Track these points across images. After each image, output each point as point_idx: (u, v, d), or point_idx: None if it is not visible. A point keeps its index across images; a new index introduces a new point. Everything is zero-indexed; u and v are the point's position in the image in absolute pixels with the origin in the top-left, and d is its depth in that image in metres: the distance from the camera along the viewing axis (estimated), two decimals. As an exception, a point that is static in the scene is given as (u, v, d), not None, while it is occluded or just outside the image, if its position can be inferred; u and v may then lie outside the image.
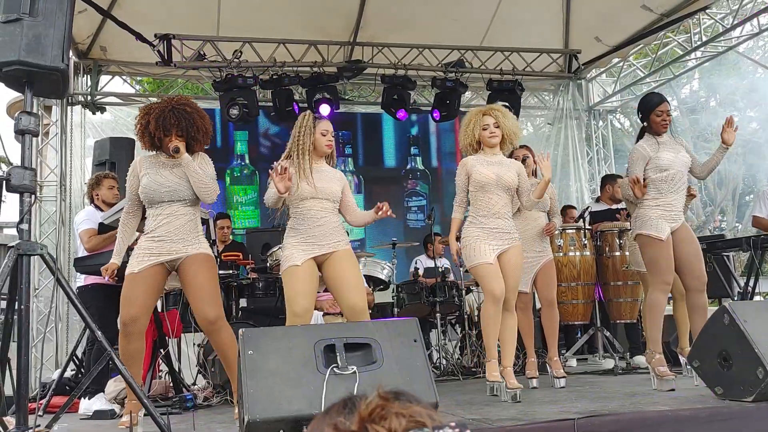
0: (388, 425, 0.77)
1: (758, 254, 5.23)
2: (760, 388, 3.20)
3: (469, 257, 4.12)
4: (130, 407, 3.57)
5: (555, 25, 8.35)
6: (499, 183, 4.14)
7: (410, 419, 0.79)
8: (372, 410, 0.79)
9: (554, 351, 4.79)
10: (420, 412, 0.80)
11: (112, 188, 5.07)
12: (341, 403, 0.87)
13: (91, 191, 5.11)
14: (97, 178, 5.15)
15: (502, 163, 4.24)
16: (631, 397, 3.83)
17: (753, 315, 3.39)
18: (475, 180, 4.15)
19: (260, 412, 2.66)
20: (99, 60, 7.96)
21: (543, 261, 4.80)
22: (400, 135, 9.27)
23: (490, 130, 4.22)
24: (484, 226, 4.11)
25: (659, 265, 4.15)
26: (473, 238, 4.10)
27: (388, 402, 0.80)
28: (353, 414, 0.81)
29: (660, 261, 4.14)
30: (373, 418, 0.79)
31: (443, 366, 6.04)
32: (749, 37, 8.13)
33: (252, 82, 7.32)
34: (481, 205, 4.15)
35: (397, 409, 0.80)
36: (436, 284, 6.19)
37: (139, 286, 3.58)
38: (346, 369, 2.82)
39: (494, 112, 4.27)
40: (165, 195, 3.66)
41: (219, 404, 4.57)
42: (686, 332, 4.87)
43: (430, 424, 0.78)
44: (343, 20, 7.93)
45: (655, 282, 4.17)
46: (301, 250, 3.69)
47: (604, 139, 9.51)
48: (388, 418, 0.78)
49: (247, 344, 2.82)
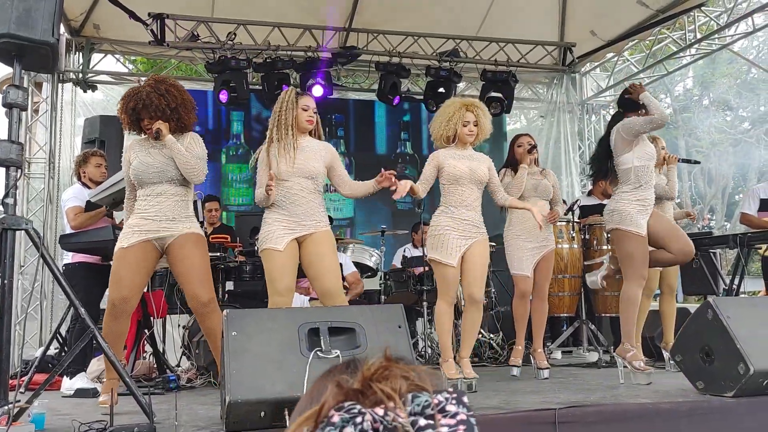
0: (391, 385, 0.78)
1: (745, 252, 5.26)
2: (740, 383, 3.22)
3: (434, 247, 4.11)
4: (109, 385, 3.56)
5: (551, 17, 8.34)
6: (472, 177, 4.15)
7: (411, 382, 0.79)
8: (376, 370, 0.80)
9: (539, 342, 4.81)
10: (422, 376, 0.81)
11: (99, 166, 5.02)
12: (344, 364, 0.88)
13: (78, 169, 5.06)
14: (84, 156, 5.10)
15: (473, 157, 4.25)
16: (613, 390, 3.85)
17: (736, 311, 3.41)
18: (448, 173, 4.14)
19: (242, 393, 2.66)
20: (91, 38, 7.89)
21: (546, 250, 4.79)
22: (391, 122, 9.25)
23: (470, 128, 4.20)
24: (455, 216, 4.11)
25: (636, 260, 4.16)
26: (443, 227, 4.09)
27: (391, 363, 0.81)
28: (356, 374, 0.81)
29: (637, 255, 4.16)
30: (377, 378, 0.79)
31: (428, 354, 6.06)
32: (743, 36, 8.15)
33: (245, 65, 7.28)
34: (453, 197, 4.15)
35: (401, 370, 0.80)
36: (424, 273, 6.20)
37: (128, 264, 3.58)
38: (329, 353, 2.82)
39: (476, 109, 4.23)
40: (153, 176, 3.67)
41: (202, 386, 4.56)
42: (671, 327, 4.91)
43: (431, 388, 0.79)
44: (339, 5, 7.88)
45: (632, 276, 4.18)
46: (282, 227, 3.72)
47: (596, 133, 9.51)
48: (390, 378, 0.79)
49: (231, 325, 2.82)
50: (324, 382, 0.83)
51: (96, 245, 4.38)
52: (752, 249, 5.56)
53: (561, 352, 6.26)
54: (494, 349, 6.12)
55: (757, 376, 3.19)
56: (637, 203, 4.20)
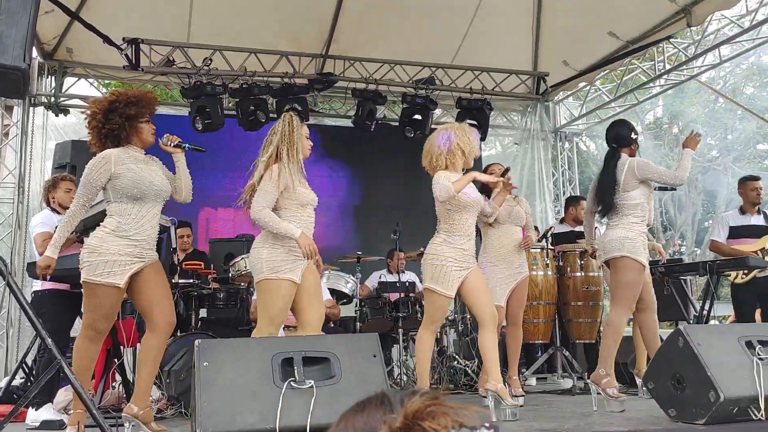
0: (437, 423, 0.78)
1: (714, 279, 5.33)
2: (711, 411, 3.25)
3: (434, 278, 4.02)
4: (77, 417, 3.47)
5: (524, 47, 8.48)
6: (477, 204, 4.17)
7: (455, 419, 0.80)
8: (421, 407, 0.79)
9: (514, 370, 4.82)
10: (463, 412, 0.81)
11: (69, 191, 4.85)
12: (377, 399, 0.86)
13: (47, 194, 4.93)
14: (53, 181, 4.97)
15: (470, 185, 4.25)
16: (587, 417, 3.86)
17: (706, 339, 3.45)
18: (460, 200, 4.03)
19: (213, 425, 2.61)
20: (64, 61, 7.83)
21: (520, 278, 4.81)
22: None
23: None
24: (457, 246, 4.04)
25: (633, 290, 4.23)
26: (445, 258, 4.02)
27: (437, 400, 0.81)
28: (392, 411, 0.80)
29: (635, 286, 4.23)
30: (422, 416, 0.79)
31: (404, 382, 6.02)
32: (711, 67, 8.36)
33: (221, 90, 7.27)
34: (459, 226, 4.07)
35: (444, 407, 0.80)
36: (400, 299, 6.19)
37: (119, 298, 3.43)
38: (303, 383, 2.79)
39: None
40: (152, 194, 3.47)
41: (173, 416, 4.48)
42: (644, 353, 4.94)
43: (470, 423, 0.80)
44: (316, 33, 7.94)
45: (624, 305, 4.23)
46: (294, 257, 3.56)
47: (569, 160, 9.65)
48: (437, 416, 0.79)
49: (202, 355, 2.78)
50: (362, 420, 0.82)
51: (65, 273, 4.28)
52: (722, 276, 5.64)
53: (536, 379, 6.27)
54: (469, 376, 6.11)
55: (727, 403, 3.22)
56: (643, 236, 4.29)
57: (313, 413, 2.68)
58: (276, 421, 2.64)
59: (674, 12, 7.03)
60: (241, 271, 5.52)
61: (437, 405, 0.80)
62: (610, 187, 4.34)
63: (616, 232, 4.29)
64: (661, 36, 7.40)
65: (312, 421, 2.66)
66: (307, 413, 2.68)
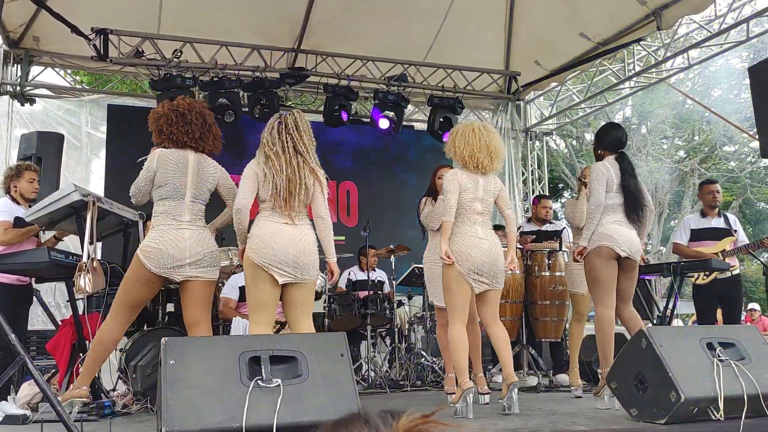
0: None
1: (678, 280, 5.43)
2: (672, 410, 3.32)
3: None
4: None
5: (497, 46, 8.53)
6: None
7: None
8: (411, 426, 0.79)
9: (478, 367, 4.81)
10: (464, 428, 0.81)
11: (33, 182, 4.75)
12: (360, 419, 0.84)
13: (9, 182, 4.76)
14: (17, 169, 4.79)
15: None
16: (551, 416, 3.91)
17: (669, 340, 3.52)
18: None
19: (179, 424, 2.60)
20: (31, 50, 7.68)
21: None
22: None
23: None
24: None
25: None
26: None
27: (428, 419, 0.80)
28: (379, 429, 0.80)
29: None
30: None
31: (371, 378, 6.04)
32: (680, 71, 8.50)
33: (191, 83, 7.18)
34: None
35: (440, 425, 0.79)
36: (368, 296, 6.20)
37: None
38: (270, 382, 2.79)
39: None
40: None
41: (138, 412, 4.44)
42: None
43: None
44: (288, 27, 7.89)
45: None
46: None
47: (539, 159, 9.75)
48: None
49: (169, 353, 2.76)
50: None
51: (31, 266, 4.21)
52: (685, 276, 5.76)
53: (502, 377, 6.32)
54: (436, 373, 6.15)
55: (687, 404, 3.29)
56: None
57: (280, 412, 2.68)
58: (243, 420, 2.63)
59: (644, 15, 7.14)
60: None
61: (430, 423, 0.80)
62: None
63: (598, 228, 4.36)
64: (632, 38, 7.51)
65: (278, 420, 2.66)
66: (273, 412, 2.68)
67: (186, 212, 3.74)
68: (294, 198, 3.59)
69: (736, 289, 5.96)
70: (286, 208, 3.58)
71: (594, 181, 4.37)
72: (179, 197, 3.73)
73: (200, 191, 3.81)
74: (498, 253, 4.14)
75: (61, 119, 8.09)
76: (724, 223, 6.04)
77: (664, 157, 18.24)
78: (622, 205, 4.35)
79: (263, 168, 3.63)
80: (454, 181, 4.13)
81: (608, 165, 4.40)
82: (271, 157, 3.62)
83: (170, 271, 3.66)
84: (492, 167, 4.18)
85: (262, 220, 3.63)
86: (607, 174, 4.35)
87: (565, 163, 18.47)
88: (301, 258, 3.57)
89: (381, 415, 0.82)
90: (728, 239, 5.96)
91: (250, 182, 3.64)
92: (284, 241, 3.55)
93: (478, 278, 4.08)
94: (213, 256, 3.79)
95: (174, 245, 3.65)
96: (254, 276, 3.56)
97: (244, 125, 7.73)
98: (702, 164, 18.10)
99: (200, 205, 3.83)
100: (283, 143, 3.65)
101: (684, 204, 18.29)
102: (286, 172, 3.60)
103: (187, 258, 3.66)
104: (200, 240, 3.74)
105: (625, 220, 4.34)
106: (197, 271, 3.69)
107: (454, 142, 4.23)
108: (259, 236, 3.58)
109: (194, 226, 3.76)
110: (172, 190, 3.73)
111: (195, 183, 3.78)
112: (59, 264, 4.07)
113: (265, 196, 3.62)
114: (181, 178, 3.74)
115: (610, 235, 4.26)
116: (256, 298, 3.59)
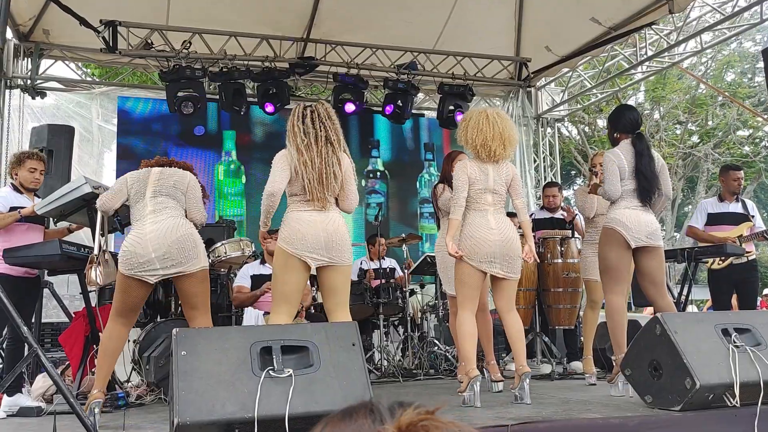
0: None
1: (692, 266, 5.38)
2: (687, 397, 3.28)
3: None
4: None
5: (507, 33, 8.45)
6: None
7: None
8: (414, 420, 0.78)
9: (491, 355, 4.80)
10: (457, 429, 0.79)
11: (33, 171, 4.59)
12: (365, 408, 0.83)
13: (11, 170, 4.64)
14: (19, 157, 4.64)
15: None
16: (565, 404, 3.89)
17: (683, 326, 3.48)
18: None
19: (191, 414, 2.60)
20: (41, 43, 7.69)
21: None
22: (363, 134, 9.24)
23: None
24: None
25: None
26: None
27: (430, 415, 0.79)
28: (382, 422, 0.79)
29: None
30: (416, 429, 0.77)
31: (384, 367, 6.04)
32: (692, 54, 8.40)
33: (201, 74, 7.18)
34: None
35: (438, 423, 0.78)
36: (381, 285, 6.19)
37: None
38: (282, 372, 2.78)
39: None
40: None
41: (152, 403, 4.46)
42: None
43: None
44: (297, 16, 7.85)
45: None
46: None
47: (551, 146, 9.68)
48: (431, 431, 0.77)
49: (180, 344, 2.76)
50: (350, 428, 0.80)
51: (43, 259, 4.23)
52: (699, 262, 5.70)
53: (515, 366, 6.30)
54: (450, 362, 6.14)
55: (703, 390, 3.26)
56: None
57: (292, 402, 2.68)
58: (255, 410, 2.63)
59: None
60: (221, 257, 5.49)
61: (430, 420, 0.78)
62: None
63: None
64: (643, 22, 7.41)
65: (290, 410, 2.65)
66: (285, 402, 2.67)
67: (147, 206, 3.70)
68: (324, 189, 3.56)
69: (752, 274, 5.90)
70: (316, 199, 3.56)
71: (608, 173, 4.24)
72: (140, 198, 3.75)
73: (162, 187, 3.77)
74: (511, 240, 4.08)
75: (72, 112, 8.13)
76: (742, 209, 5.97)
77: (677, 142, 18.05)
78: (636, 190, 4.26)
79: (296, 163, 3.57)
80: (464, 175, 4.06)
81: (618, 152, 4.29)
82: (302, 151, 3.56)
83: (142, 273, 3.56)
84: (505, 155, 4.12)
85: (293, 212, 3.61)
86: (617, 161, 4.25)
87: (577, 150, 18.32)
88: (332, 239, 3.54)
89: (391, 407, 0.81)
90: (746, 224, 5.88)
91: (285, 171, 3.58)
92: (315, 226, 3.53)
93: (491, 266, 4.05)
94: (182, 245, 3.61)
95: (136, 242, 3.58)
96: (285, 265, 3.54)
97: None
98: (716, 149, 17.89)
99: (163, 197, 3.74)
100: (317, 132, 3.61)
101: (698, 189, 18.11)
102: (317, 165, 3.56)
103: (151, 253, 3.54)
104: (164, 230, 3.60)
105: (640, 205, 4.25)
106: (170, 269, 3.59)
107: (467, 129, 4.14)
108: (290, 226, 3.56)
109: (158, 216, 3.65)
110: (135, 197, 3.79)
111: (155, 182, 3.80)
112: (71, 256, 4.08)
113: (296, 190, 3.61)
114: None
115: (623, 221, 4.20)
116: (282, 290, 3.57)
